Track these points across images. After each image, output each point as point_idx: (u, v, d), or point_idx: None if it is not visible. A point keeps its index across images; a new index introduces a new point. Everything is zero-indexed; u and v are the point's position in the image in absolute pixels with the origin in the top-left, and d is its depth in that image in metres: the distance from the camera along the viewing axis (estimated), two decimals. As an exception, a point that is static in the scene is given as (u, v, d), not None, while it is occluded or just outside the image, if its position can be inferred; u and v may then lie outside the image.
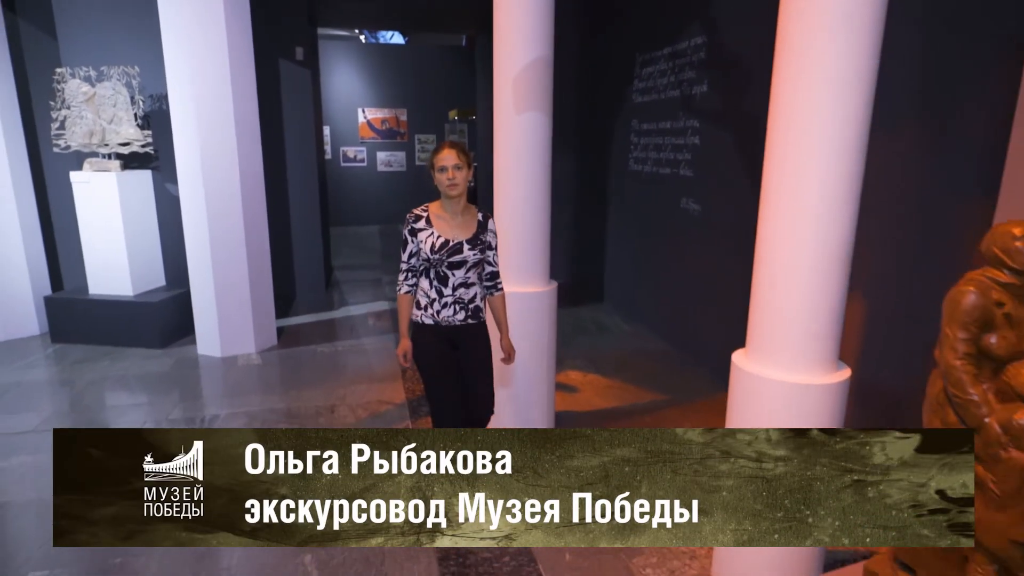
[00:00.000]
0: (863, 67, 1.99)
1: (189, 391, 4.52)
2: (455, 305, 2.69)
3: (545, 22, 3.27)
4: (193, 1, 4.63)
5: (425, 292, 2.70)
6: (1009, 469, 1.47)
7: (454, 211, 2.66)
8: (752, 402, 2.32)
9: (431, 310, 2.69)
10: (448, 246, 2.62)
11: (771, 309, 2.26)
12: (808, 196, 2.10)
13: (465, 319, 2.72)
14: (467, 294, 2.71)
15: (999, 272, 1.58)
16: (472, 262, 2.67)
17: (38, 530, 2.91)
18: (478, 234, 2.70)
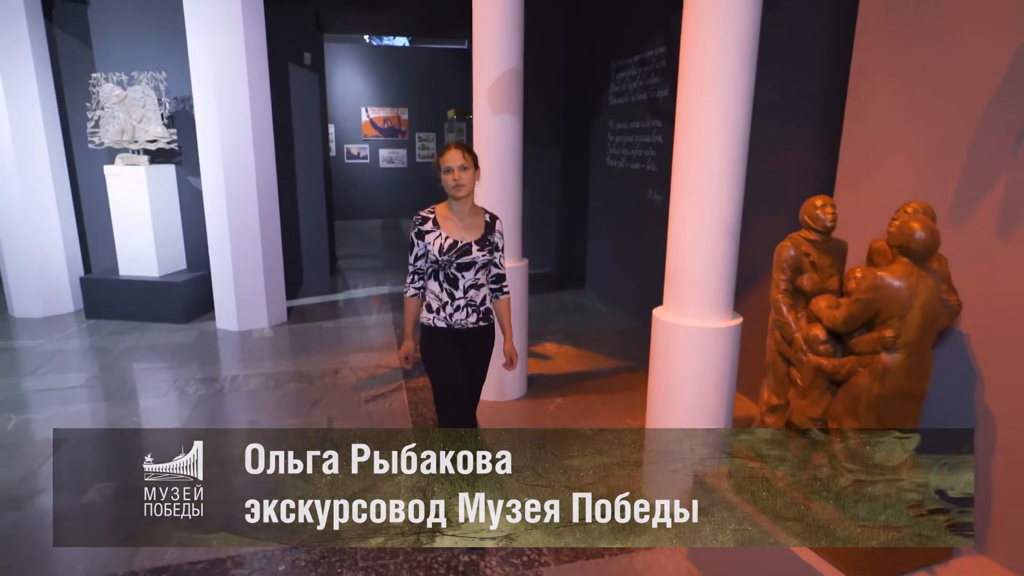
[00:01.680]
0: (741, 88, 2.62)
1: (211, 357, 5.17)
2: (467, 308, 2.65)
3: (515, 39, 3.90)
4: (215, 13, 5.28)
5: (436, 295, 2.65)
6: (807, 368, 2.10)
7: (461, 212, 2.63)
8: (668, 344, 2.96)
9: (443, 313, 2.64)
10: (457, 247, 2.57)
11: (680, 272, 2.89)
12: (703, 185, 2.73)
13: (477, 322, 2.68)
14: (478, 296, 2.67)
15: (808, 232, 2.21)
16: (481, 263, 2.63)
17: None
18: (486, 235, 2.66)
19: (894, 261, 1.88)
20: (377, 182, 13.78)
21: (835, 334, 2.06)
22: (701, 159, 2.72)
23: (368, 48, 13.59)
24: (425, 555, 2.73)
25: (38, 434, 3.78)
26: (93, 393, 4.38)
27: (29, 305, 6.15)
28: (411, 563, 2.68)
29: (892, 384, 1.89)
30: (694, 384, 2.87)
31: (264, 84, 5.71)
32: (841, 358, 2.02)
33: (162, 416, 4.09)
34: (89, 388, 4.47)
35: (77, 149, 6.53)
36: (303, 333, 5.84)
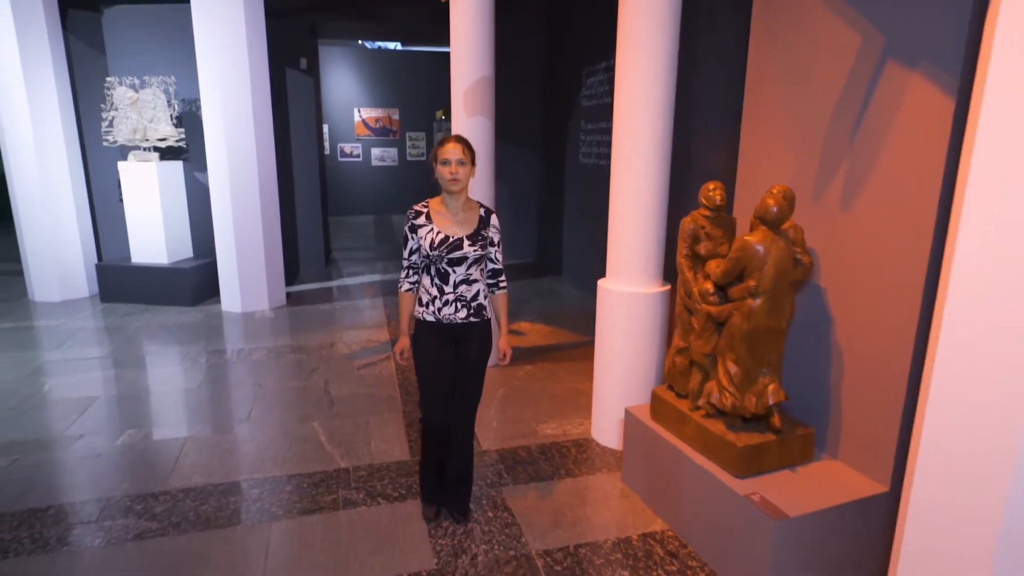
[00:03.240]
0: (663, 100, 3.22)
1: (218, 334, 5.73)
2: (457, 303, 2.62)
3: (487, 51, 4.48)
4: (221, 23, 5.83)
5: (427, 289, 2.64)
6: (701, 315, 2.69)
7: (455, 207, 2.60)
8: (610, 308, 3.54)
9: (432, 307, 2.63)
10: (448, 242, 2.55)
11: (618, 247, 3.48)
12: (636, 177, 3.33)
13: (467, 317, 2.65)
14: (469, 291, 2.64)
15: (703, 210, 2.80)
16: (473, 258, 2.60)
17: (124, 409, 4.13)
18: (479, 230, 2.63)
19: (756, 229, 2.48)
20: (369, 180, 14.33)
21: (721, 288, 2.66)
22: (634, 156, 3.31)
23: (360, 51, 14.13)
24: (406, 477, 3.31)
25: (71, 394, 4.34)
26: (115, 362, 4.95)
27: (48, 290, 6.70)
28: (395, 483, 3.26)
29: (757, 322, 2.48)
30: (631, 339, 3.46)
31: (265, 87, 6.27)
32: (723, 305, 2.62)
33: (178, 380, 4.65)
34: (111, 359, 5.04)
35: (89, 147, 7.07)
36: (301, 314, 6.41)
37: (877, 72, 2.41)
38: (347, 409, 4.17)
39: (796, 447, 2.63)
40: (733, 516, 2.48)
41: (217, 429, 3.87)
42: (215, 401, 4.30)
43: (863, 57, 2.46)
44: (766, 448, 2.56)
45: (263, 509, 3.03)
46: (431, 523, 2.92)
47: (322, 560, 2.67)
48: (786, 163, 2.86)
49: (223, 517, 2.97)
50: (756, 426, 2.65)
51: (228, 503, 3.08)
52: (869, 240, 2.49)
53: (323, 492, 3.19)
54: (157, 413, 4.11)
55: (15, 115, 6.29)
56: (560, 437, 3.80)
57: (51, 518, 2.94)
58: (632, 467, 3.20)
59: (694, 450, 2.78)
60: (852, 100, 2.52)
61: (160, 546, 2.75)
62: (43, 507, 3.03)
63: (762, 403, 2.55)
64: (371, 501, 3.11)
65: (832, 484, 2.52)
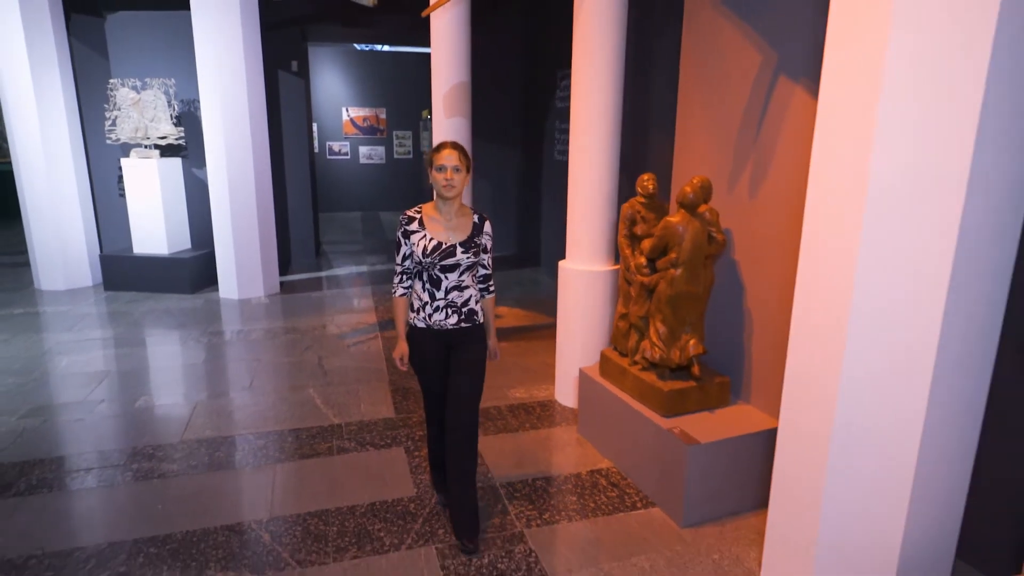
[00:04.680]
0: (612, 105, 3.75)
1: (217, 317, 6.21)
2: (447, 309, 2.62)
3: (464, 58, 4.99)
4: (219, 29, 6.30)
5: (418, 295, 2.64)
6: (636, 285, 3.23)
7: (448, 213, 2.59)
8: (569, 285, 4.07)
9: (423, 313, 2.63)
10: (440, 249, 2.55)
11: (575, 231, 4.01)
12: (589, 163, 3.85)
13: (458, 323, 2.65)
14: (460, 297, 2.64)
15: (640, 197, 3.34)
16: (466, 265, 2.60)
17: (133, 381, 4.61)
18: (473, 236, 2.62)
19: (676, 212, 3.02)
20: (357, 177, 14.79)
21: (651, 261, 3.19)
22: (587, 153, 3.84)
23: (349, 51, 14.57)
24: (392, 431, 3.83)
25: (86, 369, 4.81)
26: (124, 342, 5.42)
27: (54, 279, 7.14)
28: (383, 435, 3.77)
29: (678, 288, 3.02)
30: (587, 311, 3.99)
31: (260, 89, 6.74)
32: (652, 275, 3.16)
33: (183, 356, 5.13)
34: (119, 339, 5.51)
35: (91, 145, 7.51)
36: (294, 300, 6.90)
37: (772, 84, 2.95)
38: (339, 379, 4.67)
39: (714, 392, 3.17)
40: (659, 447, 3.02)
41: (223, 395, 4.36)
42: (219, 373, 4.79)
43: (763, 72, 3.01)
44: (688, 393, 3.10)
45: (268, 455, 3.54)
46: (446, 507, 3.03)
47: (320, 491, 3.19)
48: (709, 158, 3.40)
49: (234, 461, 3.47)
50: (681, 375, 3.19)
51: (237, 450, 3.58)
52: (770, 221, 3.03)
53: (319, 442, 3.69)
54: (167, 383, 4.60)
55: (24, 116, 6.73)
56: (527, 400, 4.33)
57: (85, 462, 3.43)
58: (585, 419, 3.74)
59: (632, 398, 3.31)
60: (755, 107, 3.07)
61: (181, 482, 3.25)
62: (76, 454, 3.52)
63: (684, 355, 3.09)
64: (361, 448, 3.62)
65: (739, 421, 3.07)
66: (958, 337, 2.00)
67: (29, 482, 3.24)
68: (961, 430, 2.13)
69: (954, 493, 2.20)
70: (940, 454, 2.11)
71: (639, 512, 3.05)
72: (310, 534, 2.85)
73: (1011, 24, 1.77)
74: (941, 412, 2.06)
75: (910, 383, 2.02)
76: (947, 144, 1.85)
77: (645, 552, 2.76)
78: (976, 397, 2.12)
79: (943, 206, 1.89)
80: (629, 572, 2.62)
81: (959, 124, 1.83)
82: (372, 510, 3.04)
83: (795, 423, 2.31)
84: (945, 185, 1.87)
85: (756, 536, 2.86)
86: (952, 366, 2.02)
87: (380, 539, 2.82)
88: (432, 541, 2.80)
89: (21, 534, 2.83)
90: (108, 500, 3.10)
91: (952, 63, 1.81)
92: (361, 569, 2.63)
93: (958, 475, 2.19)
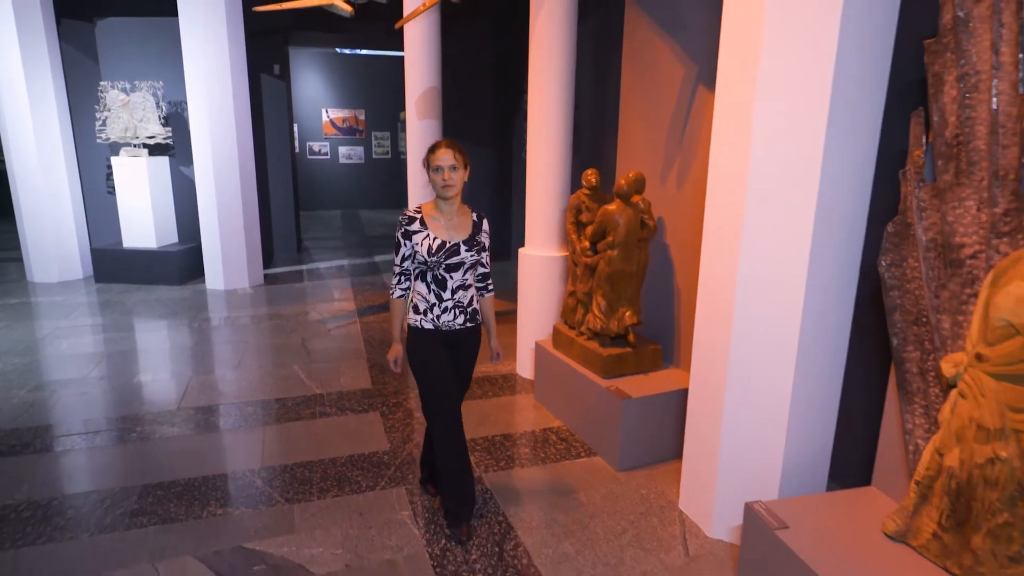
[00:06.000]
0: (564, 106, 4.24)
1: (205, 306, 6.61)
2: (455, 310, 2.63)
3: (435, 64, 5.46)
4: (205, 34, 6.70)
5: (423, 296, 2.61)
6: (582, 266, 3.73)
7: (449, 212, 2.59)
8: (527, 269, 4.55)
9: (431, 315, 2.61)
10: (445, 248, 2.54)
11: (532, 222, 4.49)
12: (544, 164, 4.34)
13: (464, 323, 2.67)
14: (465, 297, 2.65)
15: (585, 188, 3.83)
16: (469, 263, 2.61)
17: (131, 360, 5.02)
18: (474, 235, 2.63)
19: (612, 200, 3.52)
20: (337, 176, 15.18)
21: (593, 244, 3.69)
22: (541, 153, 4.33)
23: (329, 54, 14.96)
24: (370, 399, 4.28)
25: (85, 350, 5.20)
26: (118, 327, 5.82)
27: (47, 271, 7.48)
28: (361, 403, 4.23)
29: (615, 266, 3.51)
30: (543, 293, 4.48)
31: (244, 91, 7.15)
32: (594, 256, 3.65)
33: (175, 339, 5.53)
34: (114, 325, 5.90)
35: (80, 144, 7.85)
36: (278, 291, 7.31)
37: (693, 93, 3.47)
38: (321, 358, 5.11)
39: (647, 357, 3.67)
40: (599, 403, 3.51)
41: (214, 372, 4.78)
42: (209, 353, 5.20)
43: (686, 83, 3.52)
44: (624, 357, 3.60)
45: (257, 419, 3.98)
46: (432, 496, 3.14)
47: (304, 447, 3.64)
48: (645, 156, 3.91)
49: (228, 424, 3.91)
50: (620, 343, 3.68)
51: (230, 416, 4.02)
52: (694, 210, 3.54)
53: (303, 408, 4.14)
54: (163, 361, 5.01)
55: (18, 118, 7.08)
56: (492, 373, 4.81)
57: (93, 426, 3.85)
58: (541, 386, 4.22)
59: (578, 364, 3.80)
60: (681, 112, 3.58)
61: (181, 441, 3.68)
62: (84, 419, 3.93)
63: (621, 325, 3.59)
64: (341, 413, 4.08)
65: (668, 381, 3.57)
66: (819, 300, 2.51)
67: (44, 442, 3.65)
68: (827, 375, 2.64)
69: (824, 425, 2.71)
70: (810, 396, 2.62)
71: (582, 460, 3.54)
72: (297, 479, 3.30)
73: (848, 47, 2.28)
74: (809, 360, 2.57)
75: (783, 338, 2.53)
76: (804, 138, 2.36)
77: (585, 490, 3.25)
78: (838, 346, 2.63)
79: (805, 186, 2.40)
80: (570, 505, 3.11)
81: (813, 123, 2.35)
82: (351, 461, 3.49)
83: (700, 377, 2.81)
84: (805, 170, 2.38)
85: (678, 476, 3.36)
86: (815, 320, 2.53)
87: (357, 482, 3.28)
88: (403, 484, 3.27)
89: (42, 483, 3.25)
90: (116, 455, 3.52)
91: (805, 78, 2.32)
92: (341, 504, 3.09)
93: (826, 411, 2.70)
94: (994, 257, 1.92)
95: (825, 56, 2.28)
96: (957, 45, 1.97)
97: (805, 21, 2.29)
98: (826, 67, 2.29)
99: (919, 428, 2.20)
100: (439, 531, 2.87)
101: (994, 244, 1.92)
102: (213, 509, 3.03)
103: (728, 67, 2.53)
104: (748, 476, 2.72)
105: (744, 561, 2.40)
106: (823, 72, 2.29)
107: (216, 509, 3.03)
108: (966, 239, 2.00)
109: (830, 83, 2.29)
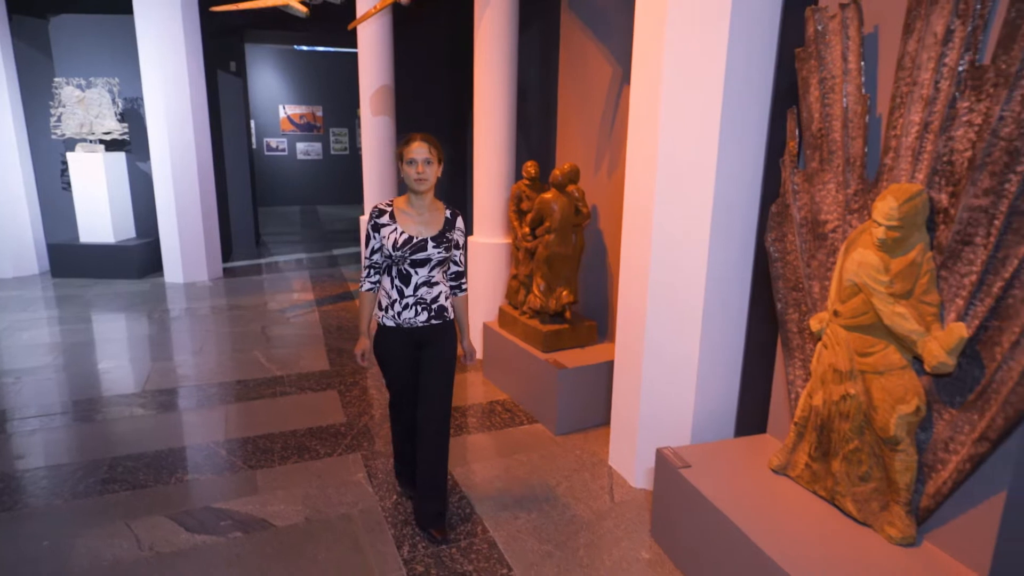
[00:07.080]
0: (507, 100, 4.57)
1: (164, 298, 6.75)
2: (416, 306, 2.56)
3: (388, 64, 5.73)
4: (160, 29, 6.82)
5: (387, 292, 2.58)
6: (523, 250, 4.07)
7: (420, 206, 2.55)
8: (476, 256, 4.87)
9: (392, 311, 2.57)
10: (411, 243, 2.49)
11: (479, 212, 4.81)
12: (488, 159, 4.66)
13: (428, 320, 2.59)
14: (430, 294, 2.57)
15: (525, 179, 4.18)
16: (436, 260, 2.54)
17: (94, 350, 5.17)
18: (444, 231, 2.57)
19: (548, 189, 3.86)
20: (295, 172, 15.25)
21: (532, 231, 4.03)
22: (486, 146, 4.65)
23: (286, 51, 15.01)
24: (328, 379, 4.55)
25: (47, 341, 5.33)
26: (78, 319, 5.94)
27: (1, 267, 7.50)
28: (319, 382, 4.49)
29: (552, 250, 3.86)
30: (489, 277, 4.80)
31: (201, 87, 7.29)
32: (533, 241, 3.99)
33: (137, 329, 5.69)
34: (74, 317, 6.02)
35: (34, 140, 7.87)
36: (237, 283, 7.48)
37: (619, 92, 3.83)
38: (280, 343, 5.35)
39: (583, 333, 4.03)
40: (539, 375, 3.86)
41: (176, 357, 4.98)
42: (171, 341, 5.39)
43: (613, 83, 3.88)
44: (562, 333, 3.95)
45: (221, 399, 4.21)
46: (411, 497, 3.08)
47: (266, 421, 3.89)
48: (580, 148, 4.26)
49: (191, 403, 4.13)
50: (558, 320, 4.03)
51: (193, 396, 4.24)
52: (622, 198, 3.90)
53: (264, 388, 4.39)
54: (124, 350, 5.18)
55: (-30, 111, 7.09)
56: (444, 355, 5.11)
57: (60, 408, 4.03)
58: (489, 363, 4.55)
59: (521, 340, 4.14)
60: (610, 110, 3.94)
61: (146, 420, 3.90)
62: (50, 403, 4.11)
63: (559, 304, 3.93)
64: (300, 392, 4.34)
65: (601, 354, 3.94)
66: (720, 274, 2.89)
67: (11, 425, 3.83)
68: (729, 338, 3.03)
69: (728, 383, 3.10)
70: (715, 357, 3.00)
71: (524, 427, 3.89)
72: (259, 449, 3.56)
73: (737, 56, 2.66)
74: (713, 326, 2.95)
75: (690, 308, 2.90)
76: (702, 135, 2.73)
77: (526, 452, 3.59)
78: (738, 313, 3.02)
79: (704, 177, 2.77)
80: (512, 463, 3.45)
81: (709, 122, 2.72)
82: (309, 432, 3.77)
83: (623, 344, 3.17)
84: (704, 162, 2.76)
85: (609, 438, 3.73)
86: (717, 292, 2.91)
87: (316, 450, 3.56)
88: (359, 451, 3.56)
89: (15, 456, 3.44)
90: (84, 433, 3.72)
91: (701, 84, 2.69)
92: (301, 469, 3.36)
93: (730, 371, 3.09)
94: (848, 231, 2.32)
95: (717, 64, 2.65)
96: (818, 53, 2.36)
97: (699, 35, 2.66)
98: (718, 74, 2.66)
99: (799, 379, 2.60)
100: (391, 489, 3.18)
101: (848, 219, 2.32)
102: (181, 476, 3.27)
103: (639, 75, 2.89)
104: (664, 431, 3.09)
105: (656, 498, 2.76)
106: (715, 78, 2.67)
107: (184, 476, 3.27)
108: (829, 216, 2.39)
109: (722, 88, 2.66)
